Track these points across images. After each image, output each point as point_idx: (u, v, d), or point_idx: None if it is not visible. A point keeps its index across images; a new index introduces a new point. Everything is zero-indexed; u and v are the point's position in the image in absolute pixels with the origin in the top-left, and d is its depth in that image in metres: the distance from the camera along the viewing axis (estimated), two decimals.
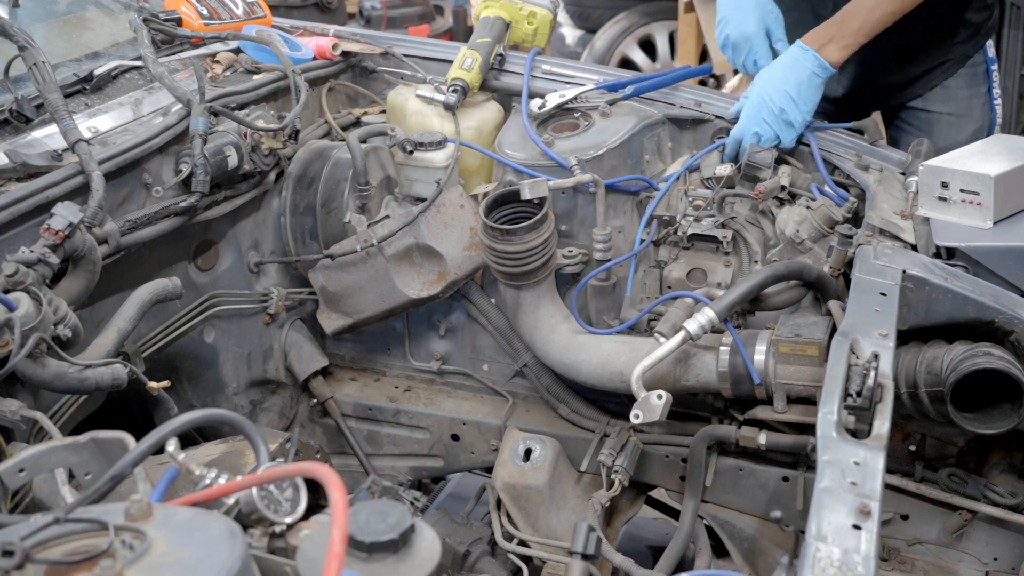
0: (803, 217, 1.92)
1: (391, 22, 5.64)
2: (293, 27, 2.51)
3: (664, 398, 1.75)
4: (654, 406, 1.76)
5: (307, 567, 0.96)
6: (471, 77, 2.26)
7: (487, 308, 2.26)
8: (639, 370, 1.78)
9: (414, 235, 2.14)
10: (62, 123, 1.73)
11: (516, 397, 2.30)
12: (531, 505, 2.04)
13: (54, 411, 1.66)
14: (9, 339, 1.37)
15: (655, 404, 1.76)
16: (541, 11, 2.36)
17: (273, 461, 1.16)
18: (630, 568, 1.80)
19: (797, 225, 1.92)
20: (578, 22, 5.88)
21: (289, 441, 1.44)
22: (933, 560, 1.88)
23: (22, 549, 0.87)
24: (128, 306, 1.70)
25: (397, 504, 0.99)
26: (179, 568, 0.88)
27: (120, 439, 1.27)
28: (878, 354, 1.43)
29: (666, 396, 1.76)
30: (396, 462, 2.38)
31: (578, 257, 2.09)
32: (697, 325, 1.77)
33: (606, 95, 2.22)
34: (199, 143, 1.85)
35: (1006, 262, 1.74)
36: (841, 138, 2.16)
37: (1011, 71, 4.09)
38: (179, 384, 2.10)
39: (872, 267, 1.69)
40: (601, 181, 2.04)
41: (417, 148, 2.14)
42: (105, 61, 2.07)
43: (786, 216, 1.97)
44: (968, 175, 1.79)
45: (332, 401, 2.33)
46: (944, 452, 1.87)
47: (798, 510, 1.95)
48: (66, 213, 1.57)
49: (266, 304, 2.22)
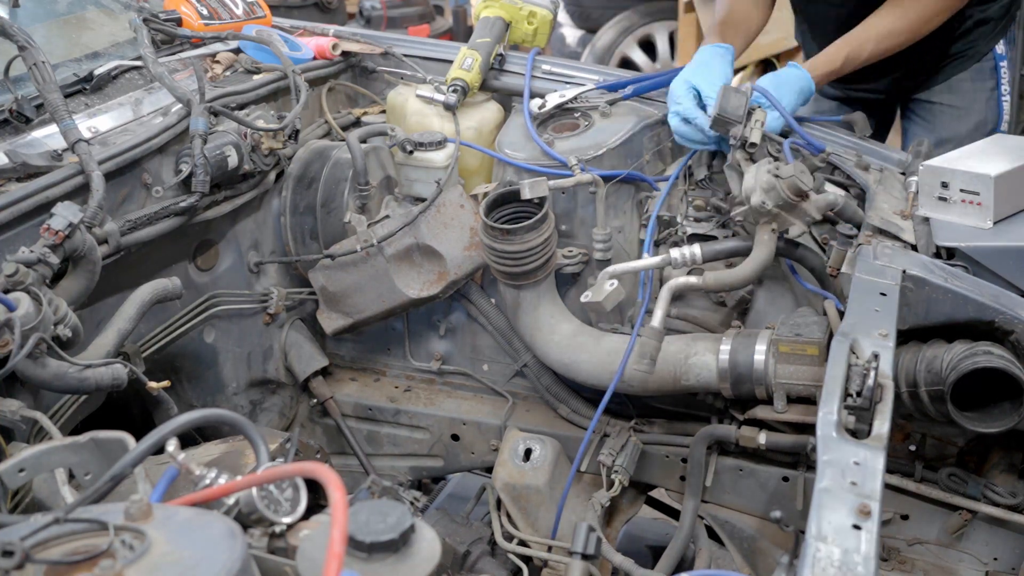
0: (771, 186, 1.79)
1: (391, 22, 5.65)
2: (293, 27, 2.51)
3: (615, 286, 1.84)
4: (604, 290, 1.84)
5: (307, 567, 0.96)
6: (471, 77, 2.26)
7: (487, 308, 2.26)
8: (612, 268, 1.88)
9: (414, 235, 2.14)
10: (62, 123, 1.73)
11: (516, 397, 2.30)
12: (531, 505, 2.04)
13: (54, 411, 1.66)
14: (9, 339, 1.37)
15: (605, 289, 1.84)
16: (541, 11, 2.36)
17: (273, 461, 1.16)
18: (630, 568, 1.80)
19: (764, 195, 1.80)
20: (578, 22, 5.89)
21: (289, 441, 1.44)
22: (933, 560, 1.88)
23: (22, 549, 0.87)
24: (128, 306, 1.70)
25: (397, 504, 0.99)
26: (179, 568, 0.88)
27: (120, 439, 1.27)
28: (878, 354, 1.43)
29: (618, 285, 1.85)
30: (396, 462, 2.38)
31: (578, 257, 2.09)
32: (680, 253, 1.84)
33: (606, 95, 2.22)
34: (199, 143, 1.85)
35: (1006, 262, 1.74)
36: (839, 137, 2.16)
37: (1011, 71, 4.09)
38: (179, 384, 2.10)
39: (872, 267, 1.69)
40: (601, 181, 2.04)
41: (417, 148, 2.15)
42: (105, 61, 2.07)
43: (753, 180, 1.83)
44: (968, 175, 1.79)
45: (332, 401, 2.33)
46: (944, 452, 1.87)
47: (798, 510, 1.95)
48: (66, 213, 1.57)
49: (266, 304, 2.22)
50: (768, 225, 1.81)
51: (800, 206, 1.78)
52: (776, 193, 1.77)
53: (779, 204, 1.78)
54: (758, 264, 1.80)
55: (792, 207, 1.79)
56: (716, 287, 1.84)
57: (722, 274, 1.84)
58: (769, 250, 1.80)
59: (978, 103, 2.48)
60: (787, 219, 1.81)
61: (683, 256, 1.83)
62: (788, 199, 1.77)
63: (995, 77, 2.48)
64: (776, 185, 1.77)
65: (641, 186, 2.13)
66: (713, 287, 1.84)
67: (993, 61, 2.47)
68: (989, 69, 2.46)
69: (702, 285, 1.83)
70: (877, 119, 2.57)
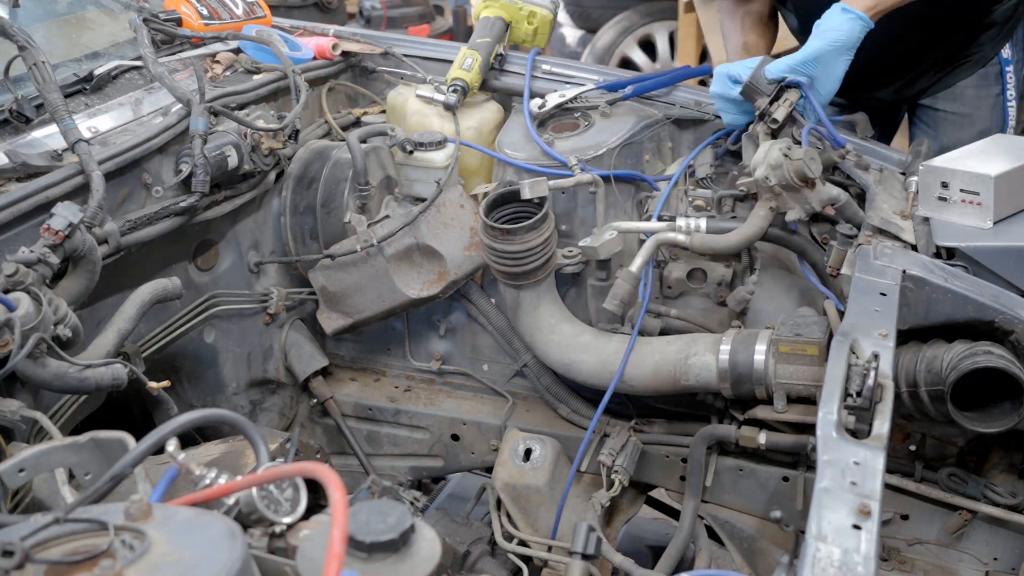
0: (778, 163, 1.80)
1: (391, 22, 5.64)
2: (293, 27, 2.51)
3: (614, 235, 1.89)
4: (602, 237, 1.89)
5: (307, 567, 0.96)
6: (471, 77, 2.26)
7: (487, 308, 2.26)
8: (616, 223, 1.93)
9: (414, 235, 2.14)
10: (62, 123, 1.73)
11: (516, 397, 2.30)
12: (531, 505, 2.04)
13: (54, 411, 1.66)
14: (9, 339, 1.37)
15: (604, 237, 1.89)
16: (541, 11, 2.36)
17: (273, 461, 1.16)
18: (630, 568, 1.80)
19: (770, 170, 1.81)
20: (578, 22, 5.88)
21: (289, 441, 1.44)
22: (933, 560, 1.88)
23: (22, 549, 0.87)
24: (128, 306, 1.70)
25: (397, 504, 0.99)
26: (179, 568, 0.88)
27: (120, 439, 1.27)
28: (878, 354, 1.43)
29: (616, 235, 1.91)
30: (396, 462, 2.38)
31: (578, 257, 2.09)
32: (685, 223, 1.88)
33: (606, 95, 2.22)
34: (199, 143, 1.85)
35: (1006, 262, 1.74)
36: None
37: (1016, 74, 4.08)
38: (179, 384, 2.10)
39: (872, 267, 1.69)
40: (601, 181, 2.04)
41: (417, 148, 2.15)
42: (105, 61, 2.07)
43: (763, 154, 1.84)
44: (968, 175, 1.79)
45: (332, 401, 2.33)
46: (944, 452, 1.87)
47: (798, 510, 1.95)
48: (66, 213, 1.57)
49: (266, 304, 2.22)
50: (768, 202, 1.83)
51: (802, 192, 1.79)
52: (781, 172, 1.79)
53: (782, 184, 1.80)
54: (747, 235, 1.83)
55: (795, 190, 1.80)
56: (701, 248, 1.89)
57: (708, 237, 1.88)
58: (761, 225, 1.83)
59: (983, 109, 2.46)
60: (787, 201, 1.83)
61: (688, 226, 1.86)
62: (792, 181, 1.79)
63: (1000, 82, 2.47)
64: (784, 164, 1.79)
65: (641, 186, 2.13)
66: (698, 248, 1.88)
67: (999, 66, 2.45)
68: (995, 74, 2.45)
69: (687, 244, 1.88)
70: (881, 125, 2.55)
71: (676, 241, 1.88)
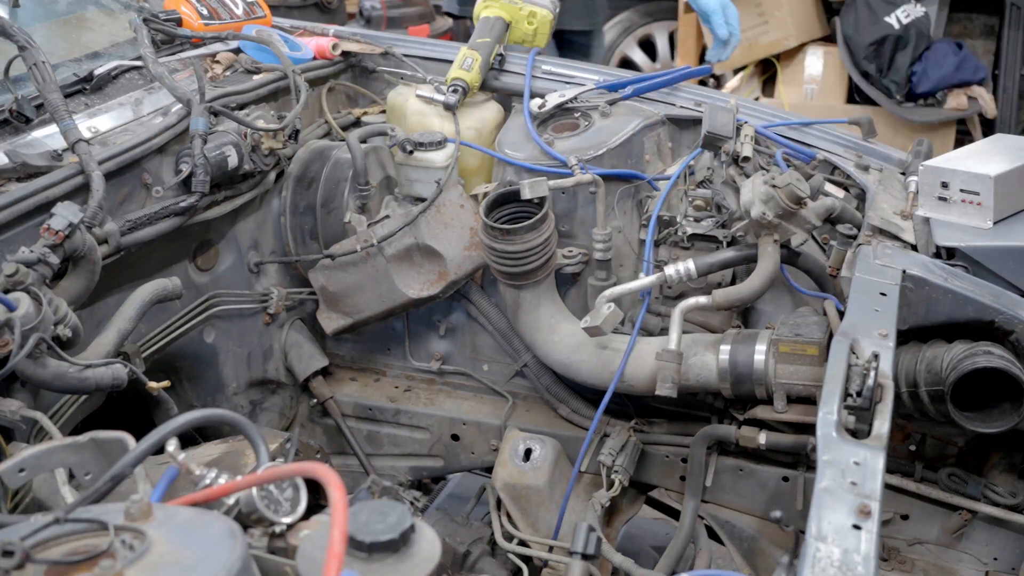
0: (769, 196, 1.81)
1: (391, 22, 5.64)
2: (293, 27, 2.51)
3: (612, 309, 1.86)
4: (602, 314, 1.86)
5: (307, 567, 0.96)
6: (471, 77, 2.26)
7: (487, 308, 2.26)
8: (609, 292, 1.89)
9: (414, 235, 2.14)
10: (62, 123, 1.73)
11: (516, 397, 2.30)
12: (531, 505, 2.04)
13: (54, 411, 1.66)
14: (9, 339, 1.37)
15: (603, 312, 1.86)
16: (541, 11, 2.36)
17: (273, 461, 1.16)
18: (630, 568, 1.80)
19: (763, 206, 1.81)
20: None
21: (289, 441, 1.44)
22: (933, 560, 1.88)
23: (22, 549, 0.87)
24: (128, 306, 1.70)
25: (397, 504, 0.99)
26: (179, 568, 0.88)
27: (120, 439, 1.27)
28: (878, 354, 1.43)
29: (615, 308, 1.87)
30: (396, 462, 2.38)
31: (578, 257, 2.09)
32: (675, 270, 1.85)
33: (606, 95, 2.22)
34: (199, 143, 1.85)
35: (1006, 262, 1.74)
36: (840, 136, 2.16)
37: (1011, 71, 4.08)
38: (179, 384, 2.10)
39: (872, 267, 1.69)
40: (601, 181, 2.04)
41: (417, 148, 2.15)
42: (105, 61, 2.07)
43: (750, 194, 1.85)
44: (968, 175, 1.79)
45: (332, 401, 2.33)
46: (944, 452, 1.87)
47: (798, 510, 1.95)
48: (66, 213, 1.57)
49: (266, 304, 2.22)
50: (770, 237, 1.82)
51: (799, 213, 1.79)
52: (775, 203, 1.79)
53: (779, 214, 1.79)
54: (765, 277, 1.81)
55: (792, 215, 1.80)
56: (726, 304, 1.85)
57: (731, 291, 1.85)
58: (774, 261, 1.82)
59: None
60: (788, 228, 1.82)
61: (678, 273, 1.85)
62: (787, 207, 1.79)
63: None
64: (774, 195, 1.79)
65: (641, 186, 2.13)
66: (723, 304, 1.85)
67: None
68: None
69: (712, 304, 1.84)
70: None
71: (700, 305, 1.86)
